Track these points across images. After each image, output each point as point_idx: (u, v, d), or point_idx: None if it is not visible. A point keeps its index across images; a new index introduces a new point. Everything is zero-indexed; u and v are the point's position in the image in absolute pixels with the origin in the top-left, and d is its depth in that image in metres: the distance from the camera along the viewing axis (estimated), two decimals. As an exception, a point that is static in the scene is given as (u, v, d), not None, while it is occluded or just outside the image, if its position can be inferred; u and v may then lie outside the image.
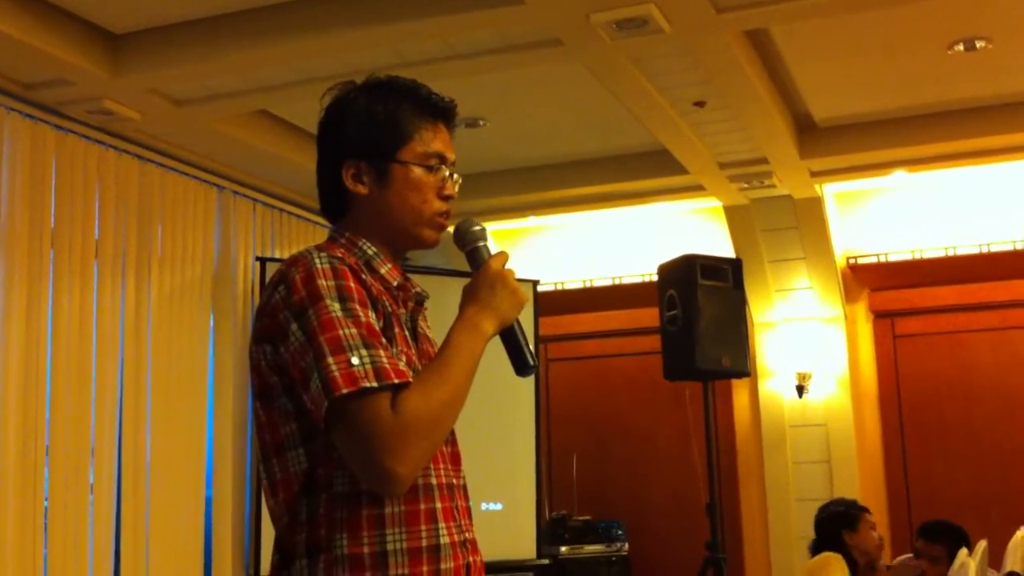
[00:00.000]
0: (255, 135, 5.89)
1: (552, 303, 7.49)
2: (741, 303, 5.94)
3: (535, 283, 6.98)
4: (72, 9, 4.63)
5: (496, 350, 1.91)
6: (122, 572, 5.22)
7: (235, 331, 6.13)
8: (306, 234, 6.80)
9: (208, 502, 5.85)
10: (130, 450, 5.35)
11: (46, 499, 4.85)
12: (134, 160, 5.56)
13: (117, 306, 5.36)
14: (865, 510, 4.97)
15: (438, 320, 2.01)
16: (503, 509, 6.64)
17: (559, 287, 7.78)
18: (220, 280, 6.09)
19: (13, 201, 4.86)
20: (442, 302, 2.29)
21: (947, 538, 5.06)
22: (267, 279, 5.88)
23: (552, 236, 7.85)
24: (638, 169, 6.76)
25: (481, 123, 6.06)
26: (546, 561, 6.76)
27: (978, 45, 5.20)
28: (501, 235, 7.70)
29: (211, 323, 6.01)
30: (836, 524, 4.82)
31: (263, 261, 6.14)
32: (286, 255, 6.28)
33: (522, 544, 6.66)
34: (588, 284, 7.78)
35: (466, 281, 1.90)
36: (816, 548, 4.85)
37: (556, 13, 4.39)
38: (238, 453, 6.07)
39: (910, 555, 5.47)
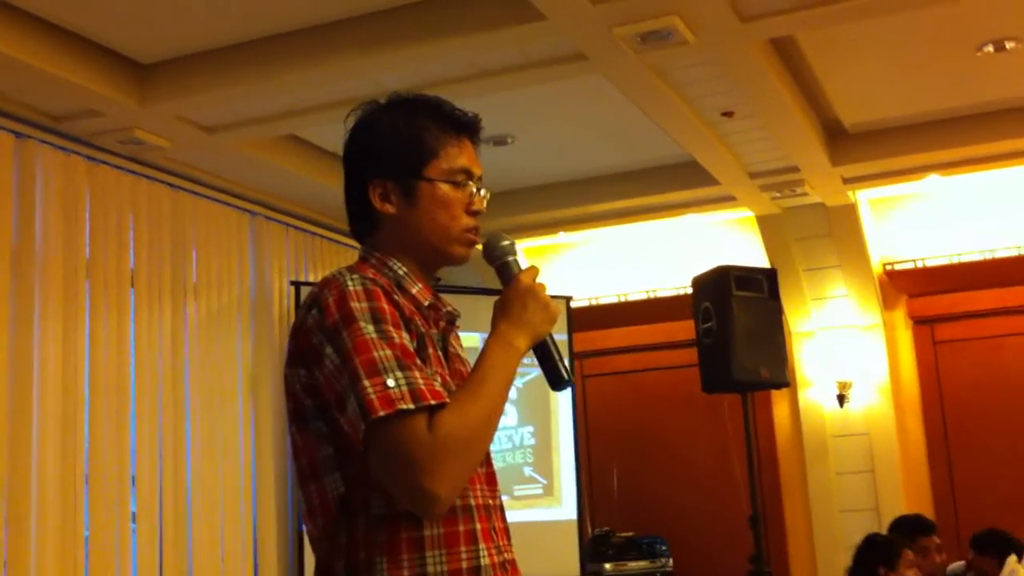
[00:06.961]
0: (285, 159, 5.92)
1: (586, 319, 7.46)
2: (777, 313, 5.89)
3: (568, 299, 6.97)
4: (100, 40, 4.68)
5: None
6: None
7: (272, 355, 6.14)
8: (339, 257, 6.82)
9: (254, 528, 5.86)
10: (170, 477, 5.36)
11: (86, 528, 4.86)
12: (166, 188, 5.60)
13: (154, 334, 5.38)
14: (924, 533, 4.86)
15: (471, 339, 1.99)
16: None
17: (593, 303, 7.75)
18: (256, 305, 6.11)
19: (48, 233, 4.89)
20: (475, 321, 2.26)
21: (997, 549, 4.99)
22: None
23: (584, 251, 7.83)
24: (668, 182, 6.73)
25: (509, 140, 6.06)
26: (590, 578, 6.73)
27: (1008, 46, 5.15)
28: (533, 252, 7.69)
29: (249, 348, 6.03)
30: (874, 559, 4.69)
31: (297, 285, 6.17)
32: (320, 278, 6.36)
33: (566, 561, 6.62)
34: (622, 299, 7.74)
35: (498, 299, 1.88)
36: None
37: (579, 28, 4.37)
38: (279, 478, 6.07)
39: (962, 562, 5.40)
